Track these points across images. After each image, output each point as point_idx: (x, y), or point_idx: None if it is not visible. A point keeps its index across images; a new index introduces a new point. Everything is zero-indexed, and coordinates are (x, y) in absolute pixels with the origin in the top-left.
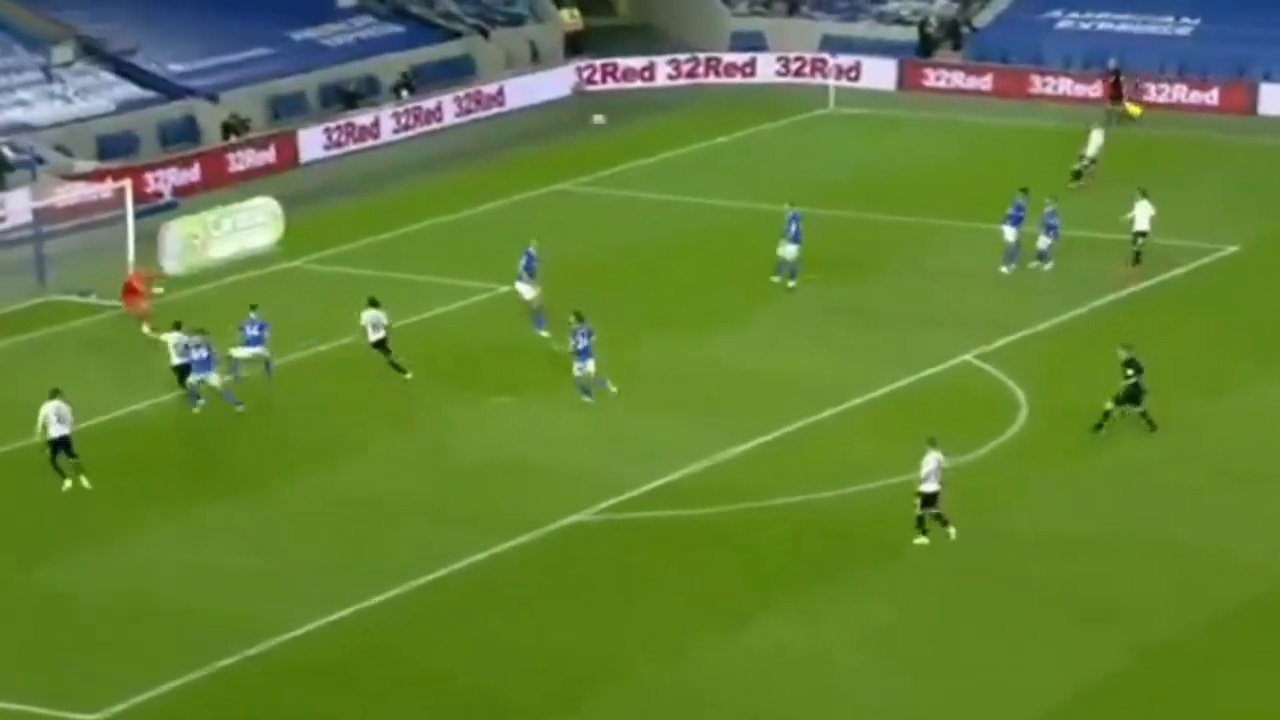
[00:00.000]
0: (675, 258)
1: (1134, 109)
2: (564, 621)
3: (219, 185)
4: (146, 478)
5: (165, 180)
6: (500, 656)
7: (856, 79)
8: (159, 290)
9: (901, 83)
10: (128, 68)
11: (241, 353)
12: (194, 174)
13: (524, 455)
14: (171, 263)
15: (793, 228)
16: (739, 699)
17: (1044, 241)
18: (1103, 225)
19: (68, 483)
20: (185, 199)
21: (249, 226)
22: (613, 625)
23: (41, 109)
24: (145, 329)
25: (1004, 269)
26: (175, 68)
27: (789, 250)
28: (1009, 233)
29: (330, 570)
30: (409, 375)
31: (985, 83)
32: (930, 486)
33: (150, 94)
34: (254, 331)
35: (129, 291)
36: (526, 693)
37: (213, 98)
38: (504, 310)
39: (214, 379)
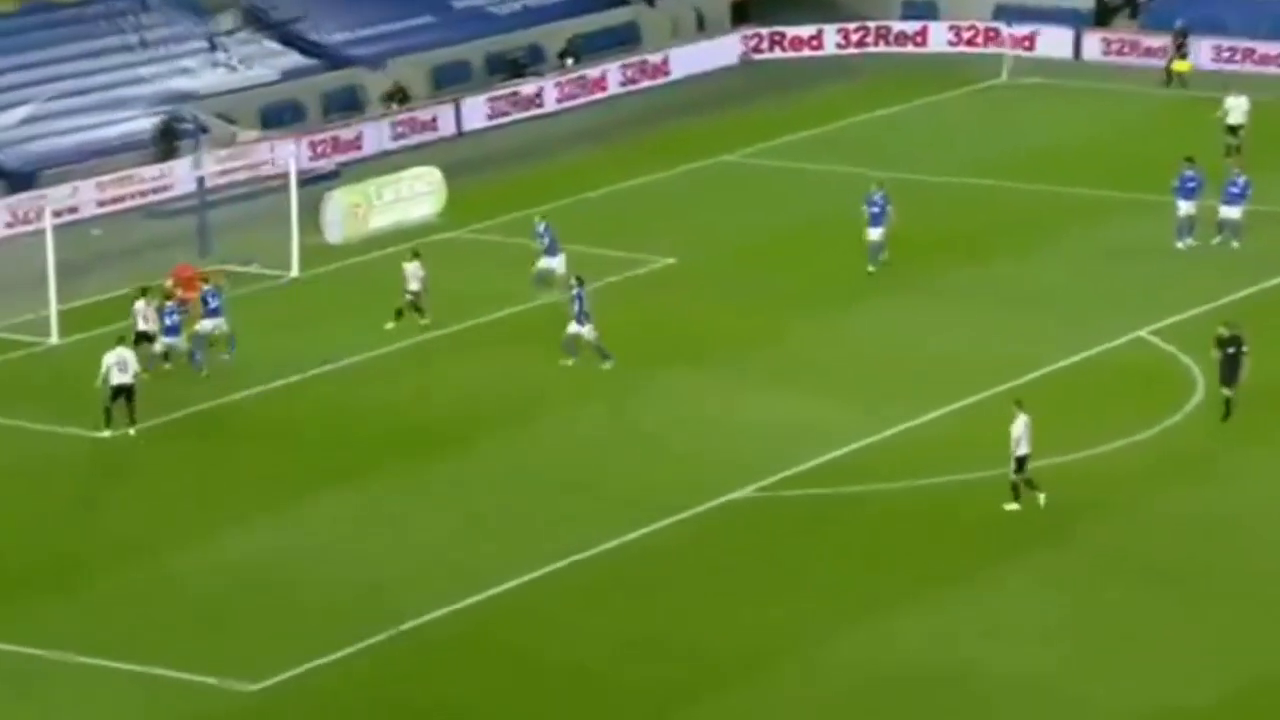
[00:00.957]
0: (837, 231)
1: (1182, 66)
2: (709, 604)
3: (381, 154)
4: (306, 450)
5: (328, 149)
6: (650, 640)
7: (1031, 48)
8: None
9: (1077, 52)
10: (291, 36)
11: (204, 326)
12: (357, 143)
13: (685, 430)
14: (333, 232)
15: (875, 209)
16: (886, 685)
17: (1231, 213)
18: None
19: (107, 432)
20: (347, 168)
21: (411, 196)
22: (765, 608)
23: (206, 78)
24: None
25: (1179, 243)
26: (339, 36)
27: (876, 234)
28: (1183, 206)
29: (484, 546)
30: (426, 320)
31: (1164, 52)
32: (1023, 450)
33: (313, 63)
34: (215, 303)
35: (189, 284)
36: (676, 677)
37: (375, 66)
38: (668, 283)
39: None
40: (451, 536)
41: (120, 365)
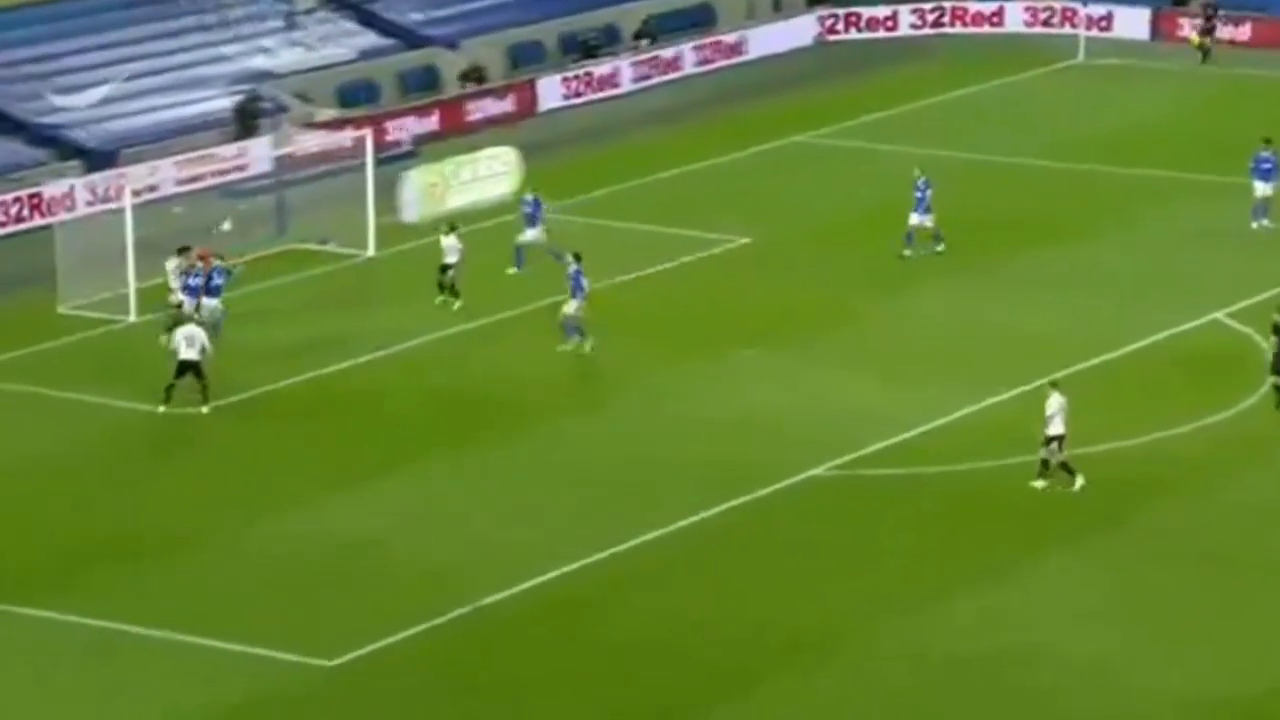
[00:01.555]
0: (909, 212)
1: (1200, 40)
2: (781, 583)
3: (457, 134)
4: (377, 429)
5: (404, 129)
6: (726, 618)
7: (1108, 29)
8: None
9: (1155, 33)
10: (369, 16)
11: (211, 304)
12: (433, 122)
13: (763, 409)
14: (409, 211)
15: (919, 195)
16: (949, 666)
17: None
18: None
19: (162, 408)
20: (424, 148)
21: (487, 176)
22: (841, 587)
23: (283, 57)
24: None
25: (1254, 224)
26: (415, 16)
27: (923, 220)
28: (1259, 187)
29: (561, 524)
30: (458, 305)
31: (1243, 33)
32: (1055, 429)
33: (390, 42)
34: (218, 280)
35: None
36: (752, 655)
37: (452, 46)
38: (742, 263)
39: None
40: (522, 516)
41: (189, 340)
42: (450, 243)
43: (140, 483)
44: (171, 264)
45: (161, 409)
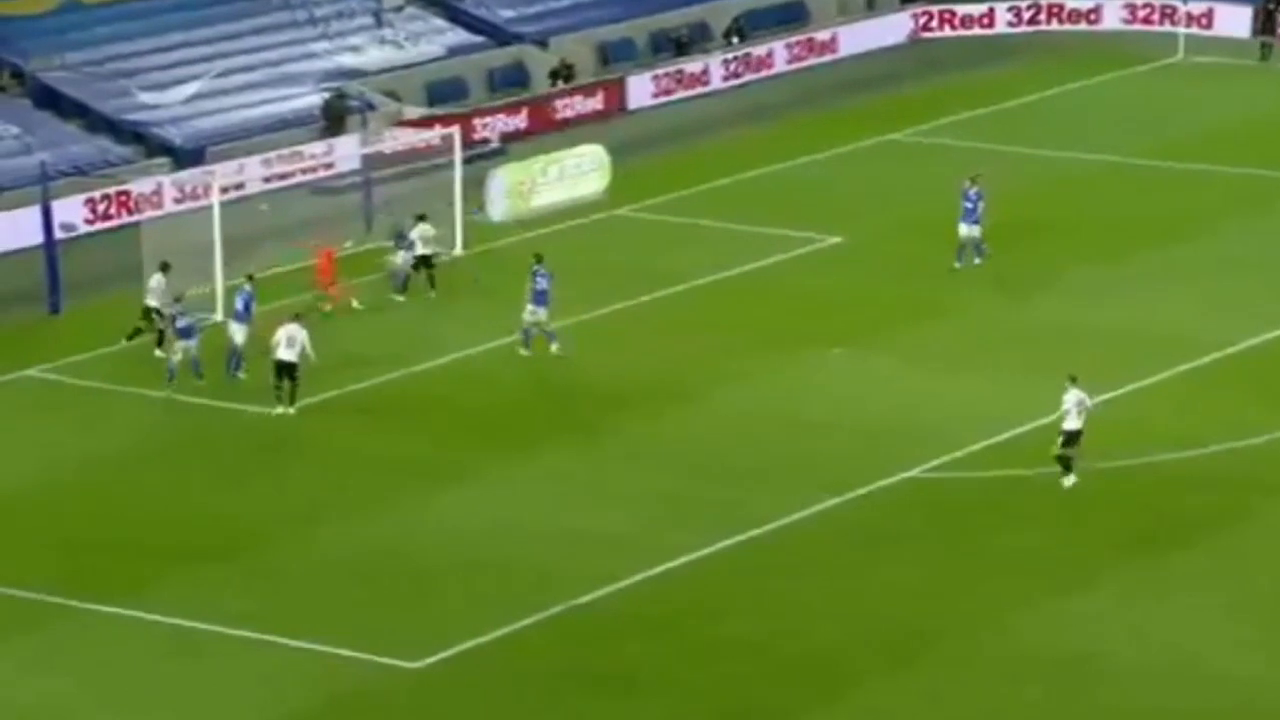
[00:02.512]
0: (1007, 210)
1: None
2: (879, 584)
3: (546, 132)
4: (468, 428)
5: (493, 127)
6: (822, 617)
7: (1208, 26)
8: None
9: (1257, 29)
10: (458, 13)
11: (237, 331)
12: (522, 120)
13: (856, 409)
14: (497, 209)
15: (969, 205)
16: (1052, 667)
17: None
18: None
19: (279, 409)
20: (512, 145)
21: (576, 174)
22: (931, 590)
23: (372, 54)
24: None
25: None
26: (505, 13)
27: (971, 231)
28: None
29: (655, 522)
30: (433, 294)
31: None
32: (1072, 424)
33: (479, 39)
34: (240, 304)
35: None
36: (848, 655)
37: (542, 44)
38: (836, 262)
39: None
40: (613, 516)
41: (288, 341)
42: (424, 232)
43: (224, 482)
44: (154, 281)
45: (278, 410)
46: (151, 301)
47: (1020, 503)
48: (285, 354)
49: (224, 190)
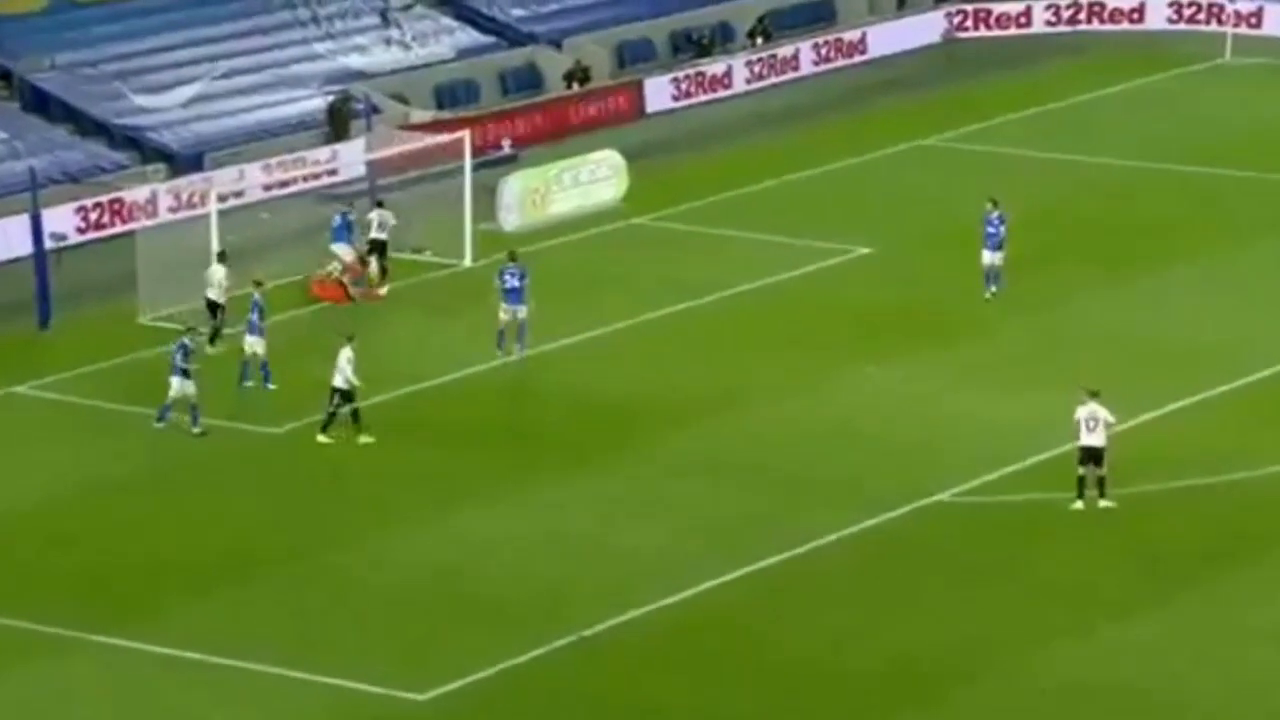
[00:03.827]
0: (1044, 219)
1: None
2: (918, 609)
3: (560, 137)
4: (481, 447)
5: (505, 131)
6: (856, 644)
7: (1257, 25)
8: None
9: None
10: (468, 12)
11: (254, 343)
12: (535, 125)
13: (892, 426)
14: (510, 218)
15: (991, 230)
16: (1095, 696)
17: None
18: None
19: (365, 439)
20: (525, 151)
21: (591, 181)
22: (971, 616)
23: (378, 56)
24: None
25: None
26: (517, 12)
27: (993, 258)
28: None
29: (673, 544)
30: (384, 291)
31: None
32: (1084, 440)
33: (491, 40)
34: (255, 316)
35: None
36: (884, 685)
37: (556, 44)
38: (865, 273)
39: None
40: (639, 537)
41: (339, 367)
42: (379, 215)
43: (222, 505)
44: (220, 273)
45: (324, 439)
46: (211, 295)
47: (1064, 526)
48: (340, 380)
49: (222, 198)
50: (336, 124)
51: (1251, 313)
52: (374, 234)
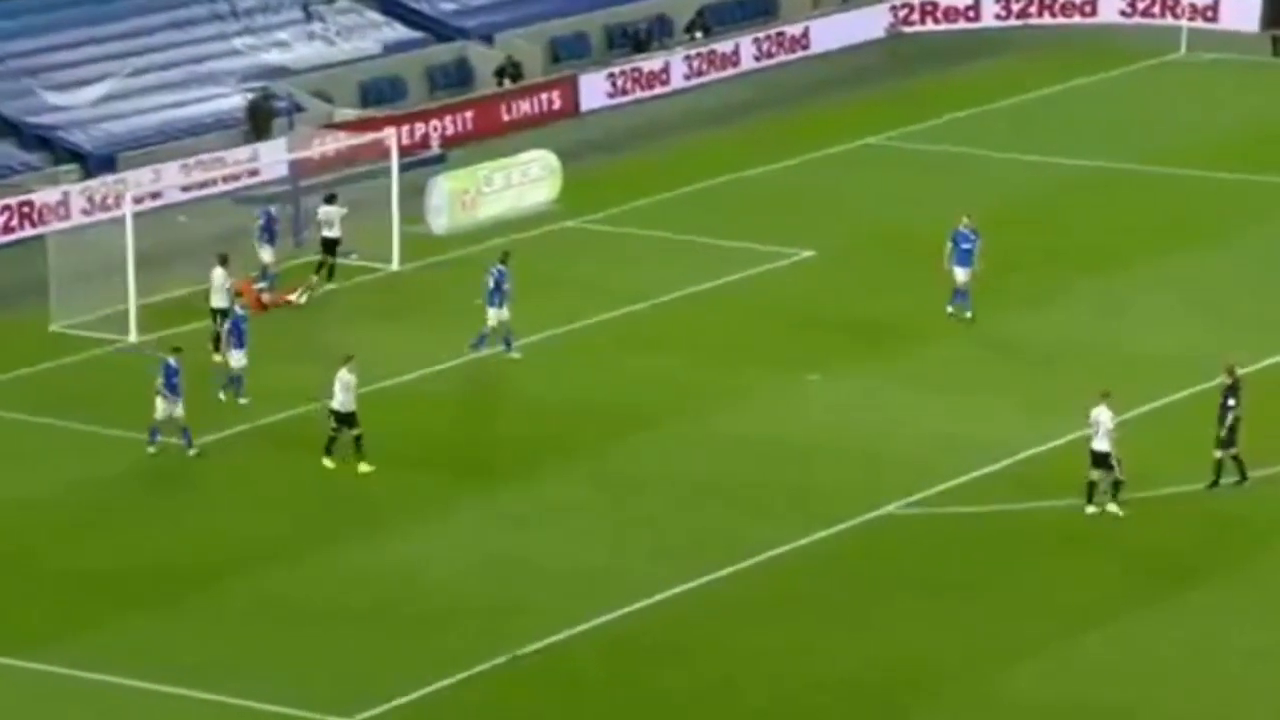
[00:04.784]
0: (995, 222)
1: None
2: (866, 628)
3: (492, 136)
4: (407, 460)
5: (433, 130)
6: (800, 662)
7: (1214, 19)
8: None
9: (1266, 22)
10: (395, 6)
11: (238, 359)
12: (465, 123)
13: (830, 438)
14: (439, 220)
15: (966, 246)
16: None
17: None
18: None
19: (328, 462)
20: (454, 150)
21: (524, 182)
22: (927, 632)
23: (300, 51)
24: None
25: None
26: (446, 6)
27: (963, 274)
28: None
29: (608, 562)
30: (315, 291)
31: None
32: (1098, 445)
33: (419, 35)
34: (243, 327)
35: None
36: (834, 703)
37: (487, 39)
38: (806, 278)
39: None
40: (572, 553)
41: (343, 386)
42: (331, 212)
43: (138, 523)
44: (218, 274)
45: (328, 463)
46: (217, 302)
47: (1020, 538)
48: (342, 401)
49: (138, 200)
50: (257, 123)
51: (1210, 319)
52: (325, 232)
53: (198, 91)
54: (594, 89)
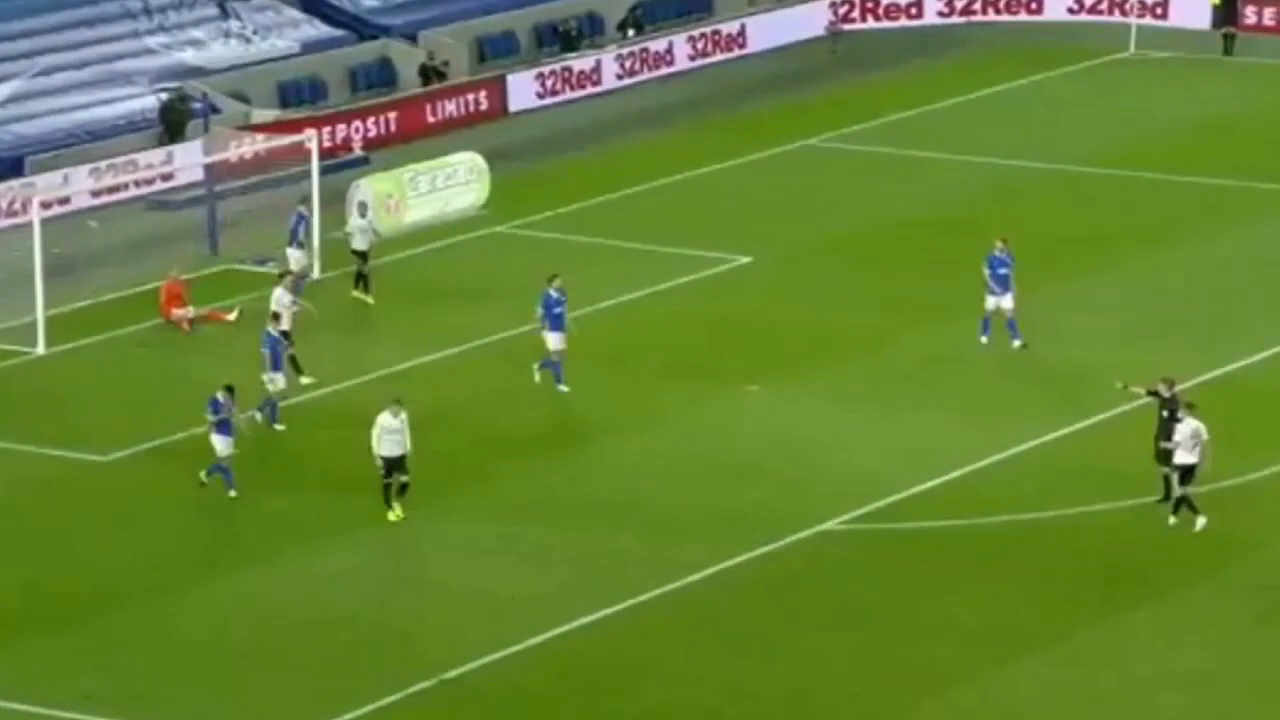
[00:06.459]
0: (938, 227)
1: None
2: (805, 649)
3: (416, 137)
4: (323, 481)
5: (356, 132)
6: (729, 688)
7: (1164, 16)
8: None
9: (1217, 21)
10: (315, 4)
11: (277, 379)
12: (388, 125)
13: (776, 452)
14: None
15: (1003, 271)
16: None
17: None
18: None
19: (392, 515)
20: (377, 153)
21: (450, 186)
22: (862, 657)
23: (216, 50)
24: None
25: None
26: (368, 3)
27: (999, 302)
28: None
29: (539, 584)
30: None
31: None
32: (1184, 458)
33: (339, 33)
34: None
35: (171, 299)
36: None
37: (411, 38)
38: (743, 285)
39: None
40: (499, 574)
41: (388, 430)
42: (362, 224)
43: (50, 543)
44: (279, 292)
45: (392, 516)
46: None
47: (958, 557)
48: (390, 447)
49: (46, 205)
50: (170, 124)
51: (1163, 328)
52: (355, 245)
53: (109, 92)
54: (523, 89)
